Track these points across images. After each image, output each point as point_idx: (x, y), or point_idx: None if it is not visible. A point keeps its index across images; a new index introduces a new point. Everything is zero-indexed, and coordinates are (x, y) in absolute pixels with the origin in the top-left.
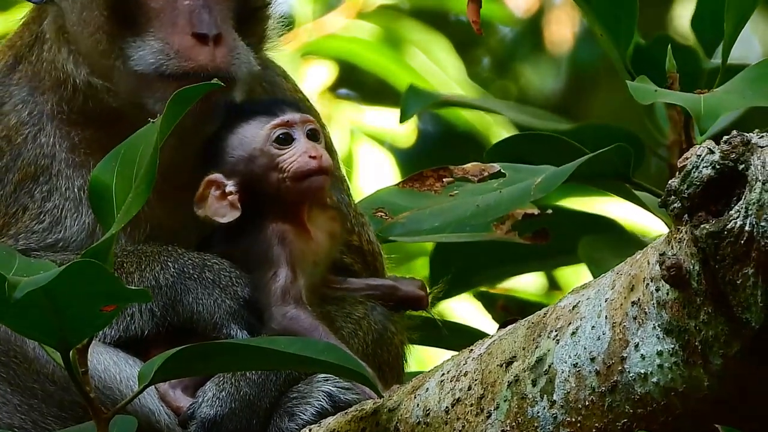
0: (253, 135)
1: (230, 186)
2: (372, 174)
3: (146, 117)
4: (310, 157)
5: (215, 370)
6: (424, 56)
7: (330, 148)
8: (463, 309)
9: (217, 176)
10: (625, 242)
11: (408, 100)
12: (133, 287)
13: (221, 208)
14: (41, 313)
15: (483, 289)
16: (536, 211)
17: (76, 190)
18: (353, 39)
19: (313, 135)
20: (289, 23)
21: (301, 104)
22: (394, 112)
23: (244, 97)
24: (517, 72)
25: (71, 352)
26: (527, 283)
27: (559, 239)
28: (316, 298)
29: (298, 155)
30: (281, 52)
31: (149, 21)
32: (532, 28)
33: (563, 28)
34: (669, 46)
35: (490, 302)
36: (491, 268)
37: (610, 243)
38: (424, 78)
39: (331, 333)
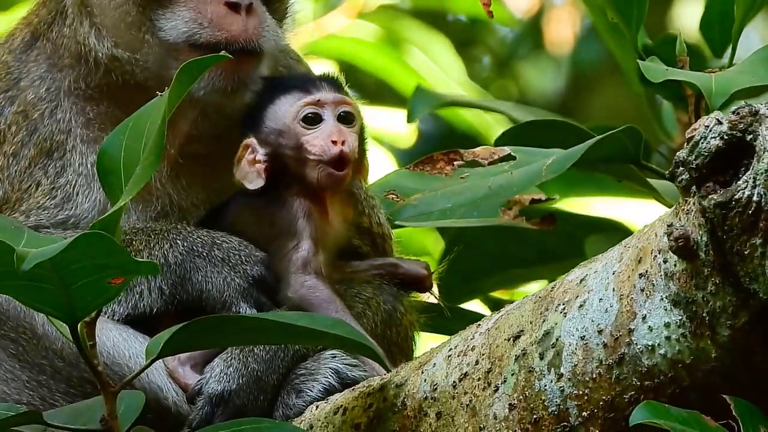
0: (284, 110)
1: (260, 155)
2: (373, 174)
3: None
4: (333, 141)
5: (223, 343)
6: (424, 56)
7: (361, 133)
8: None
9: (252, 141)
10: None
11: (416, 100)
12: None
13: (250, 173)
14: (49, 285)
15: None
16: (543, 196)
17: (89, 166)
18: (354, 39)
19: (346, 117)
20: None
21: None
22: (395, 113)
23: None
24: (517, 72)
25: (79, 325)
26: (531, 287)
27: (565, 243)
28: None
29: (322, 138)
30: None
31: None
32: (533, 28)
33: (563, 28)
34: (679, 33)
35: (496, 306)
36: (497, 274)
37: (616, 242)
38: (425, 78)
39: (346, 309)
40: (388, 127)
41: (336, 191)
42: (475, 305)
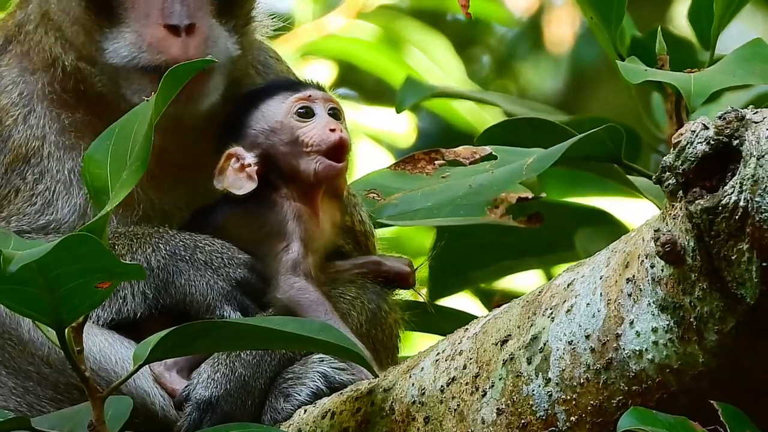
0: (275, 108)
1: (249, 158)
2: (361, 171)
3: (128, 105)
4: (330, 130)
5: (210, 349)
6: (423, 56)
7: None
8: (460, 305)
9: (237, 149)
10: (622, 234)
11: (405, 91)
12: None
13: (238, 180)
14: (36, 289)
15: (480, 285)
16: (530, 195)
17: (66, 172)
18: (353, 39)
19: (335, 114)
20: (289, 23)
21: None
22: (394, 112)
23: (231, 81)
24: (516, 71)
25: (66, 330)
26: (524, 283)
27: (556, 234)
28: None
29: (318, 128)
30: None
31: (125, 12)
32: (532, 27)
33: (563, 28)
34: (659, 29)
35: (487, 298)
36: (489, 265)
37: (606, 235)
38: (424, 78)
39: (335, 311)
40: (387, 127)
41: (333, 184)
42: (464, 299)
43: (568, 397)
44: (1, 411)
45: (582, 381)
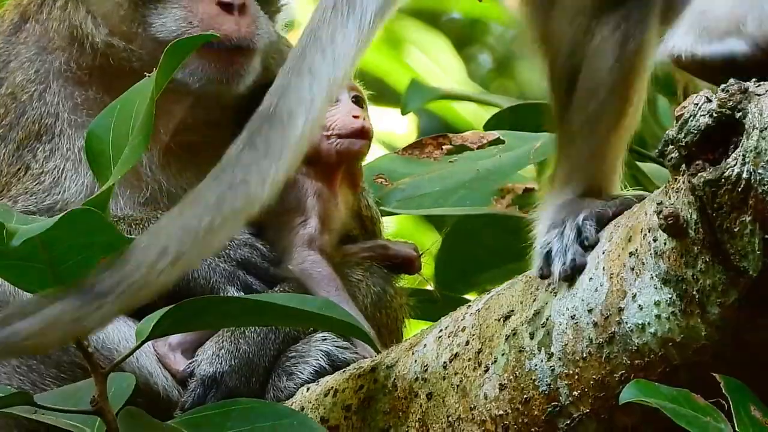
0: None
1: None
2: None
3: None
4: (354, 116)
5: (213, 325)
6: (423, 56)
7: None
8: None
9: None
10: None
11: (410, 93)
12: None
13: None
14: (39, 265)
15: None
16: (536, 186)
17: (76, 150)
18: None
19: (358, 101)
20: (288, 23)
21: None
22: (394, 112)
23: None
24: (516, 71)
25: None
26: None
27: None
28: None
29: (342, 114)
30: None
31: None
32: None
33: None
34: None
35: None
36: (494, 268)
37: None
38: (424, 78)
39: (345, 289)
40: (387, 127)
41: (353, 166)
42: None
43: (571, 372)
44: (4, 387)
45: (584, 355)
